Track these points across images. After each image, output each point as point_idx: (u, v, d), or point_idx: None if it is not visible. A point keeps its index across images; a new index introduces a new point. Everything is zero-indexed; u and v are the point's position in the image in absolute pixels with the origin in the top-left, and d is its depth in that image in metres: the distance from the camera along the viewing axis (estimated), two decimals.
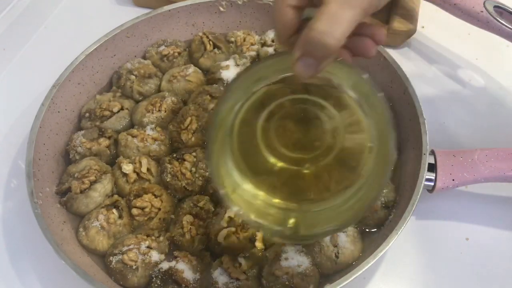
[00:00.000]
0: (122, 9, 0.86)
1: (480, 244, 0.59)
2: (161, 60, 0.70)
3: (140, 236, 0.54)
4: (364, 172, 0.41)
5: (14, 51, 0.80)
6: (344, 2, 0.34)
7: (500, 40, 0.65)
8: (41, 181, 0.57)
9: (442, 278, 0.56)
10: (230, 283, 0.50)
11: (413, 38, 0.77)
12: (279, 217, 0.42)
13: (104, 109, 0.64)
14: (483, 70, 0.75)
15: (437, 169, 0.55)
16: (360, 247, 0.53)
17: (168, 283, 0.51)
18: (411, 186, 0.53)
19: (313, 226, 0.43)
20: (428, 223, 0.60)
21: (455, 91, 0.73)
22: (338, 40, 0.34)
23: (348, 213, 0.42)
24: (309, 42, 0.35)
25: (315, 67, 0.36)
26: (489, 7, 0.64)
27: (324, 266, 0.52)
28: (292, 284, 0.49)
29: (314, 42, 0.35)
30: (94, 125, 0.64)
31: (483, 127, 0.69)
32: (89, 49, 0.66)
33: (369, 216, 0.55)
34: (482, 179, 0.56)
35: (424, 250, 0.58)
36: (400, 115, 0.62)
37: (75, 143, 0.61)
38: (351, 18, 0.34)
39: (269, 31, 0.72)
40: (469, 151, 0.57)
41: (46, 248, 0.50)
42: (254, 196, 0.42)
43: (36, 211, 0.53)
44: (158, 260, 0.53)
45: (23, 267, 0.59)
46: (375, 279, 0.56)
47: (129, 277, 0.52)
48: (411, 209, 0.51)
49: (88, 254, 0.55)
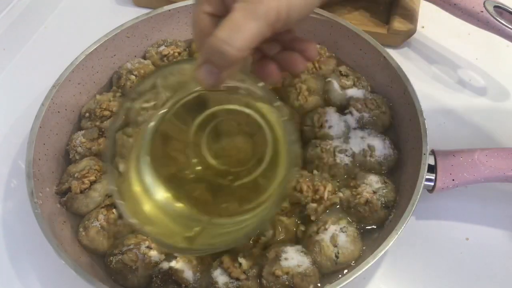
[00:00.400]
0: (122, 9, 0.86)
1: (480, 244, 0.59)
2: (161, 60, 0.70)
3: (140, 236, 0.54)
4: (267, 196, 0.40)
5: (14, 51, 0.80)
6: (249, 12, 0.33)
7: (500, 40, 0.65)
8: (41, 181, 0.57)
9: (442, 278, 0.56)
10: (230, 283, 0.50)
11: (413, 38, 0.77)
12: (179, 228, 0.42)
13: (104, 109, 0.64)
14: (483, 70, 0.75)
15: (437, 169, 0.56)
16: (360, 247, 0.53)
17: (168, 283, 0.51)
18: (411, 186, 0.53)
19: (208, 240, 0.43)
20: (428, 223, 0.60)
21: (455, 91, 0.73)
22: (238, 50, 0.33)
23: (242, 231, 0.42)
24: (210, 50, 0.34)
25: (217, 76, 0.35)
26: (489, 7, 0.64)
27: (324, 266, 0.52)
28: (292, 284, 0.49)
29: (214, 49, 0.34)
30: (94, 125, 0.64)
31: (483, 127, 0.69)
32: (89, 49, 0.66)
33: (369, 216, 0.55)
34: (482, 179, 0.56)
35: (424, 250, 0.58)
36: (400, 115, 0.62)
37: (75, 143, 0.61)
38: (254, 30, 0.34)
39: None
40: (469, 151, 0.57)
41: (46, 248, 0.50)
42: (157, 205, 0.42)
43: (36, 211, 0.53)
44: (158, 260, 0.53)
45: (23, 267, 0.59)
46: (375, 279, 0.56)
47: (129, 277, 0.52)
48: (411, 209, 0.51)
49: (88, 254, 0.55)
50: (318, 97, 0.65)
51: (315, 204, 0.55)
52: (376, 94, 0.65)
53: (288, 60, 0.41)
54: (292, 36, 0.42)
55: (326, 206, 0.55)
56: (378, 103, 0.63)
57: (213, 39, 0.34)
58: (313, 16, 0.69)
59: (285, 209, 0.56)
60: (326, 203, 0.55)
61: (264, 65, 0.41)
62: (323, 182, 0.56)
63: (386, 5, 0.79)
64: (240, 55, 0.34)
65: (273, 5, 0.34)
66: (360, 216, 0.55)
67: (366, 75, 0.68)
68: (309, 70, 0.67)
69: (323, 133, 0.61)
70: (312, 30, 0.71)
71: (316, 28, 0.70)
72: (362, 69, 0.68)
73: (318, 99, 0.65)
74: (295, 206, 0.56)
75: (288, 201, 0.56)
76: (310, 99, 0.64)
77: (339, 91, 0.65)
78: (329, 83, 0.66)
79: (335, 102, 0.65)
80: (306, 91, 0.64)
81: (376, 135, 0.61)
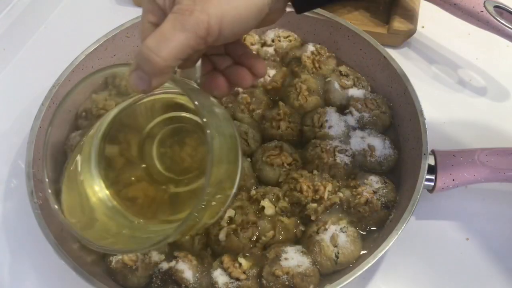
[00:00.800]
0: (122, 9, 0.86)
1: (480, 244, 0.59)
2: None
3: None
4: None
5: (14, 51, 0.80)
6: (178, 24, 0.34)
7: (500, 40, 0.65)
8: (41, 181, 0.57)
9: (442, 278, 0.57)
10: (230, 283, 0.50)
11: (413, 38, 0.77)
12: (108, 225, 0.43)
13: (100, 108, 0.64)
14: (483, 70, 0.75)
15: (437, 169, 0.56)
16: (360, 247, 0.53)
17: (168, 283, 0.51)
18: (411, 186, 0.53)
19: (126, 241, 0.43)
20: (428, 223, 0.60)
21: (455, 91, 0.73)
22: (164, 60, 0.34)
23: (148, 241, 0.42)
24: (140, 57, 0.35)
25: (147, 82, 0.36)
26: (489, 7, 0.64)
27: (324, 266, 0.52)
28: (292, 284, 0.49)
29: (142, 57, 0.35)
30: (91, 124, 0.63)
31: (483, 127, 0.69)
32: (89, 49, 0.66)
33: (369, 216, 0.55)
34: (482, 179, 0.56)
35: (424, 250, 0.58)
36: (400, 115, 0.62)
37: (73, 142, 0.61)
38: (182, 41, 0.34)
39: (269, 31, 0.72)
40: (469, 151, 0.57)
41: (46, 248, 0.50)
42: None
43: (36, 211, 0.53)
44: (158, 260, 0.53)
45: (23, 267, 0.59)
46: (375, 279, 0.56)
47: (129, 277, 0.52)
48: (411, 209, 0.51)
49: (88, 254, 0.55)
50: (318, 97, 0.65)
51: (315, 204, 0.55)
52: (376, 94, 0.65)
53: (237, 74, 0.42)
54: (244, 50, 0.43)
55: (326, 206, 0.55)
56: (378, 103, 0.63)
57: (142, 47, 0.35)
58: (313, 16, 0.69)
59: (285, 209, 0.56)
60: (326, 203, 0.55)
61: (213, 78, 0.42)
62: (323, 182, 0.56)
63: (386, 5, 0.79)
64: (166, 64, 0.35)
65: (203, 19, 0.34)
66: (360, 216, 0.55)
67: (366, 75, 0.68)
68: (309, 70, 0.67)
69: (323, 133, 0.61)
70: (312, 30, 0.71)
71: (316, 28, 0.70)
72: (362, 69, 0.68)
73: (318, 99, 0.65)
74: (295, 206, 0.56)
75: (288, 201, 0.56)
76: (310, 99, 0.64)
77: (339, 91, 0.65)
78: (329, 83, 0.66)
79: (335, 102, 0.65)
80: (306, 91, 0.64)
81: (376, 135, 0.61)
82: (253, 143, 0.61)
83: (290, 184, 0.57)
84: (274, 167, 0.58)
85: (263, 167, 0.58)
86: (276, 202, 0.56)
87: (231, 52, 0.43)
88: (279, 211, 0.55)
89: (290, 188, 0.56)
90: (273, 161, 0.58)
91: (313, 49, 0.69)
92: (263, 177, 0.59)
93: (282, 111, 0.62)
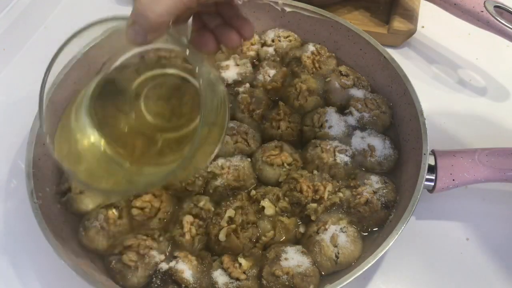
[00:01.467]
0: (122, 9, 0.86)
1: (480, 244, 0.59)
2: None
3: (140, 236, 0.54)
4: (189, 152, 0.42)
5: (14, 51, 0.80)
6: None
7: (500, 40, 0.65)
8: (41, 181, 0.56)
9: (442, 278, 0.56)
10: (230, 283, 0.50)
11: (413, 38, 0.77)
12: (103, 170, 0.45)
13: None
14: (483, 70, 0.75)
15: (437, 169, 0.56)
16: (360, 247, 0.53)
17: (168, 283, 0.51)
18: (411, 186, 0.53)
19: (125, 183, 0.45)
20: (428, 223, 0.60)
21: (455, 91, 0.73)
22: (158, 15, 0.37)
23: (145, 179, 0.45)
24: (136, 12, 0.38)
25: (143, 36, 0.39)
26: (489, 7, 0.64)
27: (324, 266, 0.52)
28: (292, 284, 0.49)
29: (138, 12, 0.38)
30: None
31: (483, 127, 0.69)
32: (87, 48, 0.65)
33: (369, 216, 0.55)
34: (482, 179, 0.56)
35: (424, 250, 0.58)
36: (400, 115, 0.62)
37: None
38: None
39: (269, 31, 0.72)
40: (469, 151, 0.57)
41: (46, 248, 0.50)
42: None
43: (36, 211, 0.53)
44: (158, 260, 0.53)
45: (23, 267, 0.59)
46: (375, 279, 0.56)
47: (129, 277, 0.52)
48: (411, 209, 0.51)
49: (88, 254, 0.55)
50: (318, 97, 0.65)
51: (315, 204, 0.55)
52: (376, 94, 0.65)
53: (225, 34, 0.44)
54: (235, 12, 0.45)
55: (326, 206, 0.55)
56: (378, 103, 0.63)
57: (137, 3, 0.38)
58: (313, 16, 0.69)
59: (285, 209, 0.56)
60: (326, 203, 0.55)
61: (202, 35, 0.45)
62: (323, 182, 0.56)
63: (386, 5, 0.79)
64: (161, 20, 0.37)
65: None
66: (360, 216, 0.55)
67: (366, 75, 0.68)
68: (309, 70, 0.67)
69: (323, 133, 0.61)
70: (312, 30, 0.71)
71: (316, 28, 0.70)
72: (362, 69, 0.68)
73: (318, 99, 0.65)
74: (295, 206, 0.56)
75: (288, 201, 0.56)
76: (310, 99, 0.64)
77: (339, 91, 0.65)
78: (329, 83, 0.66)
79: (335, 102, 0.65)
80: (306, 91, 0.64)
81: (376, 135, 0.61)
82: (253, 143, 0.61)
83: (290, 184, 0.57)
84: (274, 167, 0.58)
85: (263, 167, 0.58)
86: (276, 202, 0.56)
87: (222, 13, 0.45)
88: (279, 211, 0.55)
89: (290, 188, 0.56)
90: (273, 161, 0.58)
91: (313, 49, 0.69)
92: (263, 177, 0.59)
93: (282, 111, 0.62)
